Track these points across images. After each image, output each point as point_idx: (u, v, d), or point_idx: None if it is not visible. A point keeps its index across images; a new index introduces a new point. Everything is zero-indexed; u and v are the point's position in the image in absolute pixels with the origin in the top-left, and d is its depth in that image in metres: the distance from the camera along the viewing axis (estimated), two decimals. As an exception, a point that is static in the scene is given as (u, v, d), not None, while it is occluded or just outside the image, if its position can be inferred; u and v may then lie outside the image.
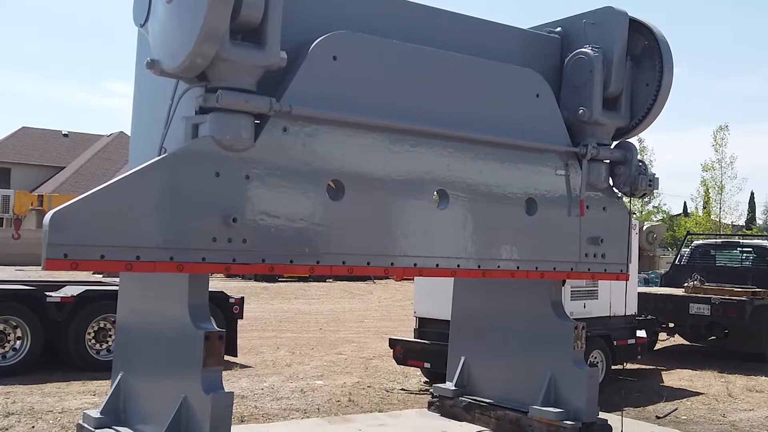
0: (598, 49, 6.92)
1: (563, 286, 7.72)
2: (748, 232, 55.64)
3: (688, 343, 16.10)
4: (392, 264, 5.99)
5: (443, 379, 8.43)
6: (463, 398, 7.97)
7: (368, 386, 10.56)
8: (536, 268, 6.81)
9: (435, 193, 6.22)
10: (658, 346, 15.24)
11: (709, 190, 51.69)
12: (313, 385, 10.47)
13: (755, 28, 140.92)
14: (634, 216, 9.63)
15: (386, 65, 5.93)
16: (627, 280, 7.57)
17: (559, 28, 7.38)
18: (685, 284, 14.14)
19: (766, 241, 16.48)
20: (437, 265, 6.24)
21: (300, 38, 5.59)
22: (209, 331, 5.23)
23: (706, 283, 14.03)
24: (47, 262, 4.73)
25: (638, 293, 12.25)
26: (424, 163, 6.10)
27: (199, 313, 5.39)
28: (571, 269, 7.05)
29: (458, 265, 6.36)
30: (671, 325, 14.91)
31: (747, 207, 72.14)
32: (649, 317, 12.86)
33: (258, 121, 5.33)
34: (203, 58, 5.02)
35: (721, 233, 40.28)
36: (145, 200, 4.97)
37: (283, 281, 33.87)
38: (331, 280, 35.82)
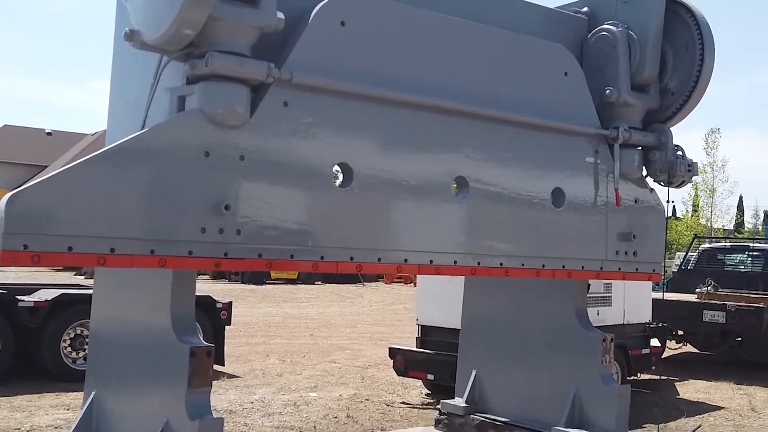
0: (623, 25, 6.27)
1: (588, 291, 7.02)
2: (739, 235, 55.33)
3: (696, 351, 15.41)
4: (406, 261, 5.23)
5: (447, 391, 7.70)
6: (475, 416, 7.18)
7: (366, 399, 9.79)
8: (563, 266, 6.08)
9: (454, 181, 5.49)
10: (665, 354, 14.54)
11: (699, 194, 51.38)
12: (306, 398, 9.69)
13: (746, 32, 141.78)
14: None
15: (400, 34, 5.19)
16: (660, 281, 6.87)
17: (585, 8, 6.70)
18: (698, 290, 13.45)
19: (777, 246, 15.84)
20: (455, 262, 5.49)
21: (302, 3, 4.86)
22: (196, 346, 4.45)
23: (720, 289, 13.34)
24: (3, 254, 3.91)
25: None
26: (443, 146, 5.37)
27: (184, 324, 4.63)
28: (601, 268, 6.32)
29: (479, 263, 5.61)
30: (680, 332, 14.23)
31: (736, 211, 72.18)
32: (661, 325, 12.17)
33: (254, 95, 4.59)
34: (191, 27, 4.27)
35: (728, 237, 39.97)
36: (122, 183, 4.18)
37: (271, 284, 33.15)
38: (319, 283, 35.12)
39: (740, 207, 78.64)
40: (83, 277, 30.70)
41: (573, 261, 6.15)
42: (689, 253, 16.95)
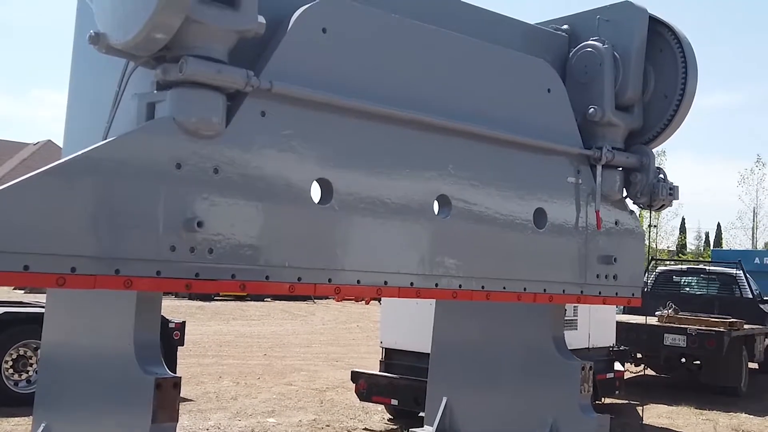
0: (608, 42, 6.11)
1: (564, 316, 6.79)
2: (682, 256, 56.26)
3: (654, 374, 15.37)
4: (386, 283, 4.94)
5: (410, 417, 7.41)
6: (446, 445, 6.90)
7: (327, 425, 9.43)
8: (544, 290, 5.85)
9: (435, 200, 5.22)
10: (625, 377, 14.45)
11: (645, 215, 52.24)
12: (264, 424, 9.28)
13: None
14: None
15: (384, 44, 4.92)
16: (639, 305, 6.68)
17: (566, 26, 6.52)
18: (657, 312, 13.41)
19: (731, 269, 15.92)
20: (436, 284, 5.20)
21: (282, 10, 4.56)
22: (162, 377, 4.08)
23: (681, 312, 13.30)
24: (-52, 272, 3.54)
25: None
26: (426, 163, 5.10)
27: (149, 352, 4.26)
28: (581, 292, 6.11)
29: (460, 286, 5.34)
30: (639, 355, 14.16)
31: (678, 232, 73.65)
32: (622, 348, 12.05)
33: (230, 104, 4.27)
34: (164, 32, 3.91)
35: (685, 260, 40.51)
36: (84, 196, 3.81)
37: (220, 300, 32.48)
38: (269, 300, 34.56)
39: (683, 228, 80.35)
40: (23, 291, 29.58)
41: (554, 284, 5.92)
42: (646, 275, 16.96)
